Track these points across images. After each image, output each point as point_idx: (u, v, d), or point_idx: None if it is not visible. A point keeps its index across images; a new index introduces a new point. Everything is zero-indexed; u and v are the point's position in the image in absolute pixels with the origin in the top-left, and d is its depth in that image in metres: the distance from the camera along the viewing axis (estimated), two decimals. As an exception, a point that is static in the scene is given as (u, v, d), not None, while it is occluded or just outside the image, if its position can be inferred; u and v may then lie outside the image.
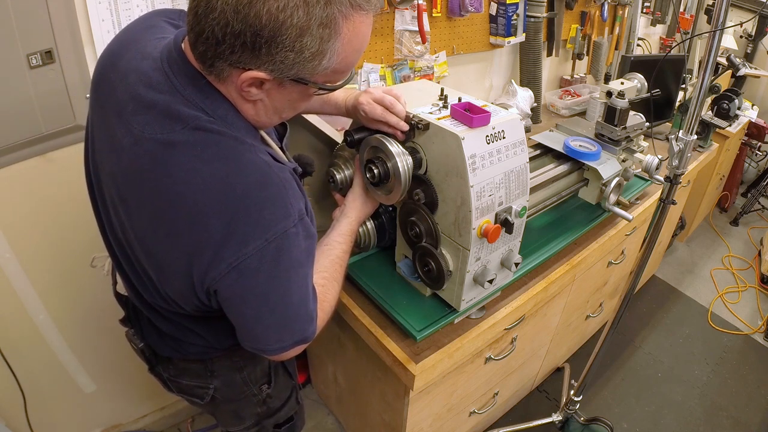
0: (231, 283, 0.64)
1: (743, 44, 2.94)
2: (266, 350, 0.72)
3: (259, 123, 0.70)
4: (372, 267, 1.20)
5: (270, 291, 0.66)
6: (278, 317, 0.69)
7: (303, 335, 0.72)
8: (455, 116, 0.88)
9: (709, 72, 0.97)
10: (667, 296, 2.56)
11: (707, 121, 2.01)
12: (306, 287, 0.71)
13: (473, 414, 1.47)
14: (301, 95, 0.67)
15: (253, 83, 0.62)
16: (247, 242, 0.62)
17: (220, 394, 0.96)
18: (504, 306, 1.16)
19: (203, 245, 0.63)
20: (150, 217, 0.67)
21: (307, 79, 0.63)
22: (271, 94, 0.65)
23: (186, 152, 0.63)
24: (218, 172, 0.62)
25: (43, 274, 1.26)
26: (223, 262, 0.63)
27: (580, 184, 1.45)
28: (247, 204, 0.62)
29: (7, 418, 1.35)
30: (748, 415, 1.95)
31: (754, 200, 3.19)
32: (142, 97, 0.65)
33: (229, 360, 0.92)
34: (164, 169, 0.63)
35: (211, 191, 0.62)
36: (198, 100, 0.64)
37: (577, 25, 2.29)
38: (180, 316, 0.82)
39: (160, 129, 0.63)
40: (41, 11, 1.00)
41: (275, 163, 0.67)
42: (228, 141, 0.64)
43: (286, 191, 0.65)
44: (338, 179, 1.05)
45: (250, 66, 0.59)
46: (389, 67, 1.64)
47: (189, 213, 0.63)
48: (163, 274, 0.72)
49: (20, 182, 1.13)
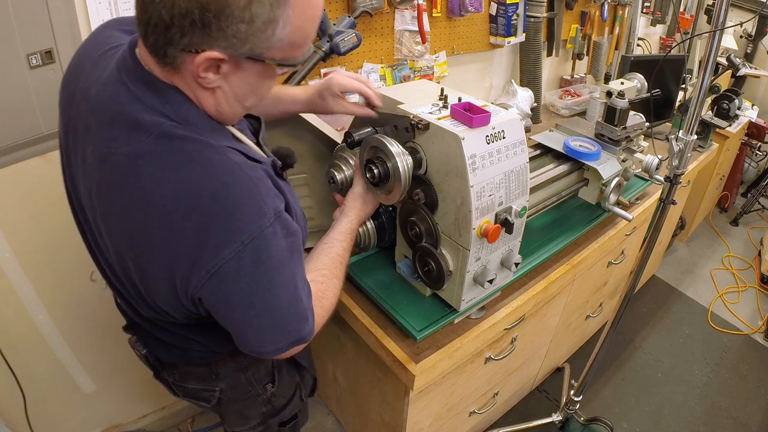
0: (213, 289, 0.63)
1: (743, 44, 2.94)
2: (263, 353, 0.71)
3: (222, 115, 0.67)
4: (372, 267, 1.20)
5: (254, 294, 0.65)
6: (268, 319, 0.68)
7: (298, 335, 0.71)
8: (455, 116, 0.88)
9: (709, 72, 0.97)
10: (667, 296, 2.56)
11: (707, 121, 2.02)
12: (294, 287, 0.69)
13: (473, 414, 1.47)
14: (261, 77, 0.65)
15: (209, 67, 0.59)
16: (223, 247, 0.61)
17: (225, 396, 0.96)
18: (504, 306, 1.16)
19: (180, 254, 0.62)
20: (127, 232, 0.65)
21: (264, 55, 0.60)
22: (230, 79, 0.63)
23: (153, 162, 0.61)
24: (186, 178, 0.61)
25: (43, 274, 1.26)
26: (202, 270, 0.62)
27: (580, 184, 1.45)
28: (219, 208, 0.60)
29: (7, 418, 1.35)
30: (748, 415, 1.95)
31: (754, 200, 3.19)
32: (104, 111, 0.64)
33: (233, 362, 0.92)
34: (133, 181, 0.62)
35: (181, 199, 0.60)
36: (159, 106, 0.62)
37: (577, 25, 2.29)
38: (176, 326, 0.81)
39: (126, 142, 0.62)
40: (41, 11, 1.00)
41: (246, 162, 0.65)
42: (193, 145, 0.62)
43: (259, 190, 0.63)
44: (338, 180, 1.05)
45: (203, 47, 0.57)
46: (389, 67, 1.64)
47: (162, 223, 0.61)
48: (149, 287, 0.70)
49: (20, 182, 1.13)
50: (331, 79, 0.98)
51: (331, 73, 0.94)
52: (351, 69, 1.53)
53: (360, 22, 1.45)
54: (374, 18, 1.51)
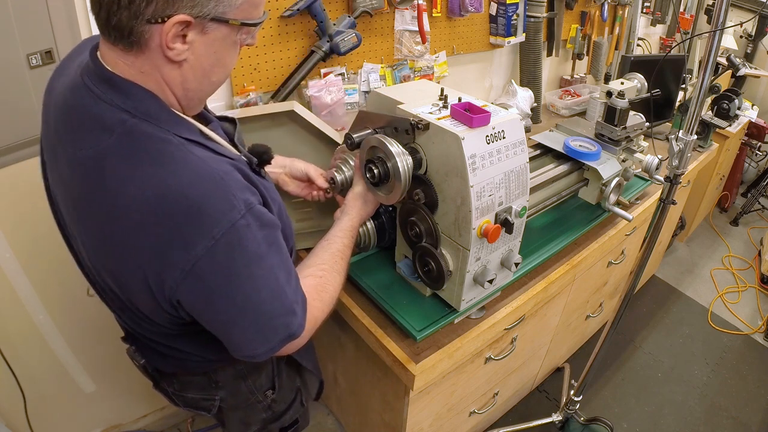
0: (190, 289, 0.62)
1: (743, 44, 2.94)
2: (256, 356, 0.69)
3: (189, 94, 0.67)
4: (372, 267, 1.20)
5: (234, 291, 0.63)
6: (253, 317, 0.66)
7: (288, 331, 0.69)
8: (455, 116, 0.88)
9: (709, 72, 0.97)
10: (667, 296, 2.56)
11: (707, 121, 2.02)
12: (275, 280, 0.67)
13: (473, 414, 1.47)
14: (225, 43, 0.64)
15: (176, 36, 0.59)
16: (195, 244, 0.59)
17: (226, 404, 0.95)
18: (504, 306, 1.16)
19: (151, 255, 0.61)
20: (99, 236, 0.64)
21: (227, 16, 0.61)
22: (196, 48, 0.62)
23: (116, 162, 0.60)
24: (151, 176, 0.59)
25: (43, 274, 1.26)
26: (176, 270, 0.60)
27: (580, 184, 1.45)
28: (186, 205, 0.59)
29: (7, 418, 1.35)
30: (748, 415, 1.95)
31: (754, 200, 3.19)
32: (71, 115, 0.64)
33: (232, 369, 0.91)
34: (98, 182, 0.61)
35: (147, 198, 0.59)
36: (120, 102, 0.62)
37: (577, 25, 2.29)
38: (169, 337, 0.80)
39: (90, 143, 0.61)
40: (41, 11, 1.00)
41: (211, 156, 0.65)
42: (156, 143, 0.61)
43: (226, 183, 0.62)
44: (338, 180, 1.05)
45: (170, 12, 0.57)
46: (389, 67, 1.64)
47: (130, 224, 0.60)
48: (129, 295, 0.69)
49: (20, 182, 1.13)
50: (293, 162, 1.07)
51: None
52: (351, 69, 1.53)
53: (360, 22, 1.45)
54: (374, 18, 1.51)
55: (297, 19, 1.35)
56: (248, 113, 1.11)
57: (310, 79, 1.43)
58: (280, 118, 1.17)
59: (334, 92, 1.46)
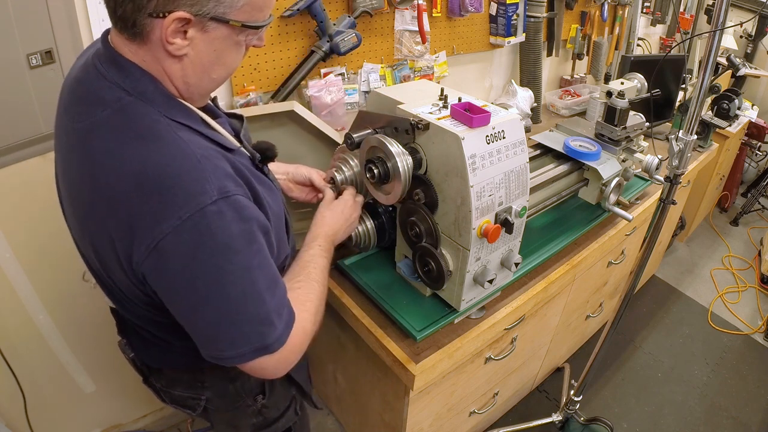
0: (154, 265, 0.62)
1: (743, 44, 2.94)
2: (223, 359, 0.66)
3: (190, 88, 0.68)
4: (372, 267, 1.20)
5: (197, 277, 0.62)
6: (217, 312, 0.64)
7: (261, 341, 0.66)
8: (455, 116, 0.88)
9: (709, 72, 0.97)
10: (667, 296, 2.56)
11: (707, 121, 2.02)
12: (251, 282, 0.65)
13: (473, 414, 1.47)
14: (226, 42, 0.65)
15: (176, 31, 0.61)
16: (161, 221, 0.60)
17: (212, 405, 0.94)
18: (504, 306, 1.16)
19: (121, 226, 0.62)
20: (82, 206, 0.67)
21: (227, 15, 0.62)
22: (196, 45, 0.63)
23: (104, 135, 0.63)
24: (132, 151, 0.61)
25: (43, 274, 1.26)
26: (142, 244, 0.61)
27: (580, 184, 1.45)
28: (158, 182, 0.60)
29: (7, 418, 1.35)
30: (748, 415, 1.95)
31: (754, 200, 3.19)
32: (75, 90, 0.68)
33: (220, 370, 0.88)
34: (85, 153, 0.64)
35: (125, 171, 0.61)
36: (119, 80, 0.64)
37: (577, 25, 2.29)
38: (151, 323, 0.79)
39: (86, 116, 0.64)
40: (41, 11, 1.00)
41: (197, 141, 0.65)
42: (144, 122, 0.63)
43: (202, 167, 0.62)
44: (338, 180, 1.05)
45: (170, 8, 0.59)
46: (389, 67, 1.64)
47: (106, 195, 0.62)
48: (107, 269, 0.70)
49: (20, 182, 1.13)
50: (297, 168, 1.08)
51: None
52: (351, 69, 1.54)
53: (360, 22, 1.45)
54: (374, 18, 1.51)
55: (297, 19, 1.35)
56: (248, 113, 1.11)
57: (310, 79, 1.43)
58: (280, 118, 1.17)
59: (334, 92, 1.46)
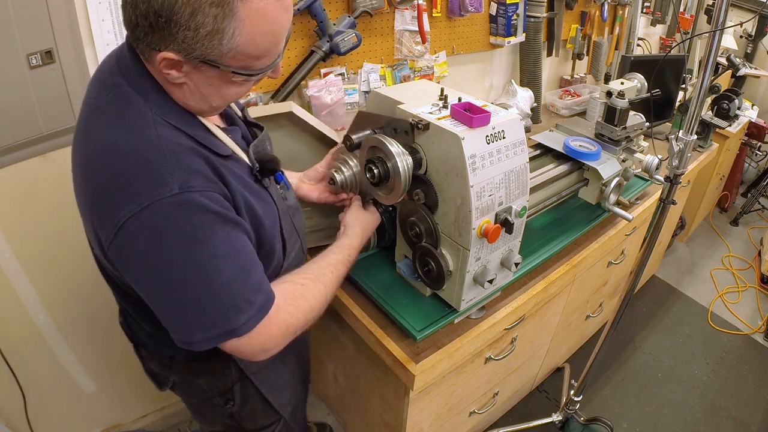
0: (119, 246, 0.65)
1: (743, 44, 2.94)
2: (193, 343, 0.69)
3: (191, 108, 0.72)
4: (372, 267, 1.20)
5: (160, 263, 0.65)
6: (182, 296, 0.67)
7: (229, 325, 0.68)
8: (455, 116, 0.88)
9: (709, 72, 0.97)
10: (667, 296, 2.56)
11: (707, 121, 2.01)
12: (216, 270, 0.67)
13: (473, 414, 1.47)
14: (222, 81, 0.68)
15: (169, 65, 0.64)
16: (123, 205, 0.64)
17: (179, 390, 0.98)
18: (504, 306, 1.16)
19: (92, 205, 0.68)
20: (75, 179, 0.71)
21: (218, 62, 0.64)
22: (192, 78, 0.67)
23: (101, 116, 0.68)
24: (112, 137, 0.66)
25: (43, 274, 1.26)
26: (110, 223, 0.65)
27: (580, 184, 1.45)
28: (124, 169, 0.64)
29: (7, 418, 1.35)
30: (748, 415, 1.95)
31: (754, 200, 3.19)
32: (97, 73, 0.74)
33: (185, 363, 0.91)
34: (85, 129, 0.70)
35: (104, 154, 0.66)
36: (125, 71, 0.69)
37: (577, 25, 2.29)
38: (133, 302, 0.81)
39: (95, 94, 0.70)
40: (41, 11, 1.00)
41: (173, 137, 0.68)
42: (131, 111, 0.67)
43: (168, 161, 0.65)
44: (338, 180, 1.05)
45: (161, 47, 0.62)
46: (389, 67, 1.64)
47: (87, 172, 0.68)
48: (90, 241, 0.76)
49: (20, 182, 1.13)
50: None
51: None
52: (351, 69, 1.54)
53: (360, 22, 1.45)
54: (374, 18, 1.51)
55: (297, 19, 1.35)
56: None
57: (310, 79, 1.43)
58: (278, 119, 1.17)
59: (334, 92, 1.46)
